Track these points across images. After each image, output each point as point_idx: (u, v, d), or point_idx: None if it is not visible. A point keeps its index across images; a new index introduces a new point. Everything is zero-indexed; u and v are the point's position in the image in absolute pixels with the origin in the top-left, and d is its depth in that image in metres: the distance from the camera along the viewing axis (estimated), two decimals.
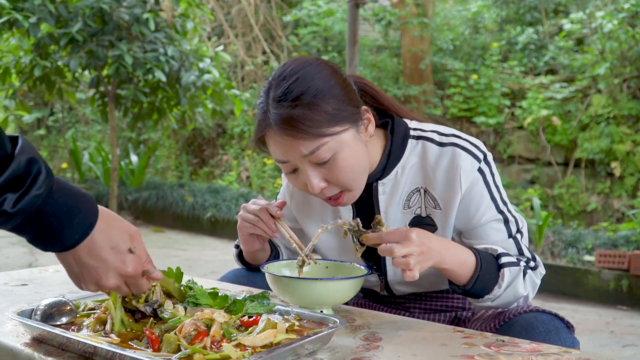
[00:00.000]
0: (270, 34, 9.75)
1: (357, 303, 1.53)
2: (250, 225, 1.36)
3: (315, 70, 1.23)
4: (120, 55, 6.23)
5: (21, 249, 5.55)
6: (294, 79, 1.21)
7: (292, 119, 1.19)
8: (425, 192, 1.32)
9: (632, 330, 3.73)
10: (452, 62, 7.90)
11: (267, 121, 1.23)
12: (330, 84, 1.23)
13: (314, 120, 1.19)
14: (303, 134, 1.19)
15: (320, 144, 1.20)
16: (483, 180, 1.29)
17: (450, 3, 9.52)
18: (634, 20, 6.53)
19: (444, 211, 1.31)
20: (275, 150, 1.25)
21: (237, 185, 8.22)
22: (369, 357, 1.00)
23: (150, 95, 6.98)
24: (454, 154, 1.29)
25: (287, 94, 1.20)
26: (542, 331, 1.18)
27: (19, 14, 5.96)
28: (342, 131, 1.22)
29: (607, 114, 6.29)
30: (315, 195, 1.29)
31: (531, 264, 1.29)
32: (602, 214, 6.18)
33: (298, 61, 1.26)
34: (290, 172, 1.28)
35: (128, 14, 6.29)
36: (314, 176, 1.24)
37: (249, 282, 1.53)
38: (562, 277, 4.70)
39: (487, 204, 1.29)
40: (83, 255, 0.92)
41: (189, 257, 5.58)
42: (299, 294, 1.20)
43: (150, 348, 0.96)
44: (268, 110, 1.23)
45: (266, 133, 1.24)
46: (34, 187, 0.84)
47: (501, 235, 1.30)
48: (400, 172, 1.34)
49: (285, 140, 1.21)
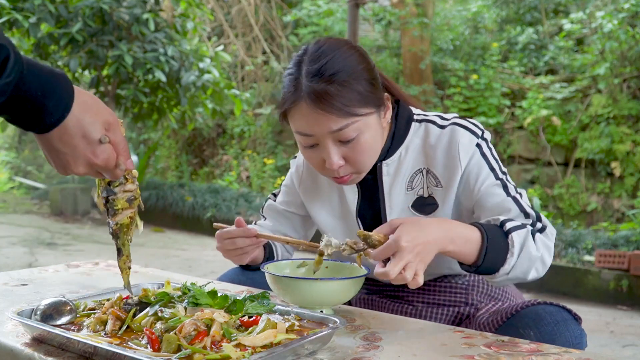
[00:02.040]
0: (270, 34, 9.75)
1: (360, 299, 1.53)
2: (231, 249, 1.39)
3: (349, 52, 1.27)
4: (120, 55, 6.23)
5: (21, 249, 5.55)
6: (330, 57, 1.24)
7: (327, 94, 1.21)
8: (427, 172, 1.36)
9: (632, 330, 3.73)
10: (452, 62, 7.90)
11: (299, 93, 1.24)
12: (362, 67, 1.27)
13: (347, 99, 1.22)
14: (335, 110, 1.22)
15: (349, 122, 1.23)
16: (480, 153, 1.32)
17: (450, 3, 9.52)
18: (634, 20, 6.53)
19: (445, 188, 1.33)
20: (302, 123, 1.27)
21: (237, 185, 8.22)
22: (369, 357, 1.00)
23: (150, 95, 6.99)
24: (453, 131, 1.33)
25: (323, 70, 1.23)
26: (551, 322, 1.18)
27: (19, 14, 5.96)
28: (369, 113, 1.26)
29: (607, 114, 6.29)
30: (327, 172, 1.31)
31: (538, 226, 1.26)
32: (602, 214, 6.18)
33: (333, 41, 1.29)
34: (309, 147, 1.30)
35: (128, 14, 6.29)
36: (335, 153, 1.27)
37: (248, 280, 1.54)
38: (562, 277, 4.70)
39: (485, 173, 1.30)
40: (55, 140, 0.90)
41: (189, 257, 5.58)
42: (299, 294, 1.20)
43: (150, 348, 0.96)
44: (300, 83, 1.25)
45: (295, 105, 1.26)
46: (4, 76, 0.81)
47: (501, 196, 1.29)
48: (404, 153, 1.37)
49: (316, 114, 1.23)
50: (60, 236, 6.36)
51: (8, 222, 7.22)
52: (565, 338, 1.17)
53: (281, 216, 1.59)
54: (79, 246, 5.83)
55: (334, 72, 1.23)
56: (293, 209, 1.58)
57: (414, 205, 1.36)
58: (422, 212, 1.36)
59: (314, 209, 1.51)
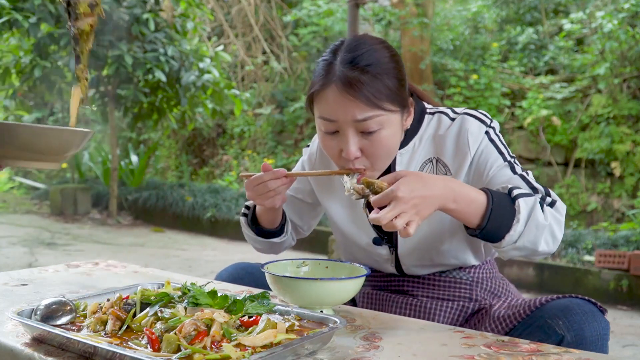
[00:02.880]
0: (270, 34, 9.75)
1: (365, 294, 1.54)
2: (264, 192, 1.36)
3: (384, 50, 1.31)
4: (120, 55, 6.23)
5: (21, 249, 5.55)
6: (367, 49, 1.28)
7: (359, 82, 1.24)
8: (437, 161, 1.39)
9: (632, 330, 3.73)
10: (452, 62, 7.89)
11: (331, 77, 1.27)
12: (394, 65, 1.30)
13: (377, 91, 1.25)
14: (364, 99, 1.24)
15: (374, 114, 1.26)
16: (489, 139, 1.35)
17: (450, 3, 9.52)
18: (634, 20, 6.53)
19: (454, 176, 1.36)
20: (328, 107, 1.28)
21: (237, 185, 8.22)
22: (369, 357, 1.00)
23: (150, 95, 6.99)
24: (463, 120, 1.37)
25: (359, 59, 1.26)
26: (579, 312, 1.21)
27: (19, 14, 5.96)
28: (394, 111, 1.29)
29: (607, 114, 6.29)
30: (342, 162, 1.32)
31: (548, 200, 1.24)
32: (602, 214, 6.18)
33: (370, 37, 1.34)
34: (330, 133, 1.31)
35: (128, 14, 6.29)
36: (354, 143, 1.28)
37: (247, 275, 1.56)
38: (562, 277, 4.70)
39: (494, 157, 1.33)
40: None
41: (189, 257, 5.58)
42: (299, 294, 1.21)
43: (150, 348, 0.96)
44: (333, 68, 1.27)
45: (325, 89, 1.28)
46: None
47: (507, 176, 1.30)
48: (418, 143, 1.41)
49: (344, 100, 1.25)
50: (60, 236, 6.37)
51: (8, 222, 7.22)
52: (593, 328, 1.20)
53: (289, 201, 1.61)
54: (79, 246, 5.83)
55: (369, 63, 1.26)
56: (301, 195, 1.61)
57: None
58: None
59: (324, 197, 1.54)
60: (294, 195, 1.60)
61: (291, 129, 8.54)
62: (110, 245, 5.97)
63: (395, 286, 1.51)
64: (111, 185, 7.42)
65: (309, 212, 1.63)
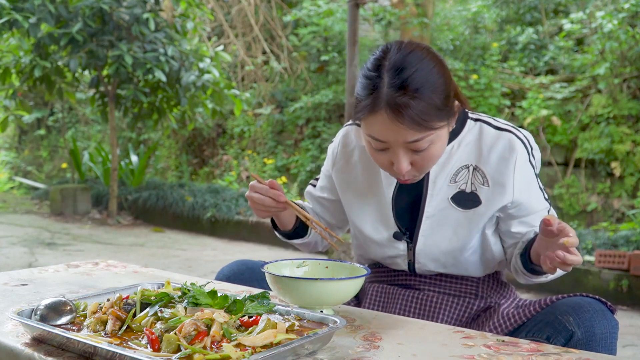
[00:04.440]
0: (270, 34, 9.75)
1: (371, 289, 1.54)
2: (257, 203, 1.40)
3: (432, 64, 1.28)
4: (120, 55, 6.23)
5: (21, 249, 5.55)
6: (414, 70, 1.25)
7: (409, 109, 1.23)
8: (475, 169, 1.40)
9: (632, 330, 3.73)
10: (452, 62, 7.89)
11: (380, 102, 1.25)
12: (442, 80, 1.28)
13: (426, 114, 1.24)
14: (415, 125, 1.24)
15: (425, 135, 1.27)
16: (534, 172, 1.40)
17: (450, 3, 9.52)
18: (634, 20, 6.53)
19: (491, 188, 1.37)
20: (378, 130, 1.28)
21: (237, 185, 8.21)
22: (369, 357, 1.00)
23: (150, 95, 6.99)
24: (512, 140, 1.38)
25: (407, 83, 1.24)
26: (590, 310, 1.24)
27: (19, 14, 5.96)
28: (443, 126, 1.30)
29: (607, 114, 6.29)
30: (391, 172, 1.34)
31: None
32: (602, 214, 6.18)
33: (417, 50, 1.29)
34: (380, 150, 1.32)
35: (128, 14, 6.29)
36: (405, 160, 1.30)
37: (247, 270, 1.56)
38: (562, 277, 4.68)
39: (537, 194, 1.40)
40: None
41: (189, 257, 5.58)
42: (299, 294, 1.21)
43: (150, 348, 0.96)
44: (381, 91, 1.25)
45: (374, 114, 1.27)
46: None
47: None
48: (456, 147, 1.41)
49: (394, 125, 1.25)
50: (60, 236, 6.36)
51: (8, 222, 7.22)
52: (603, 326, 1.22)
53: (317, 202, 1.63)
54: (79, 246, 5.83)
55: (418, 87, 1.24)
56: (327, 194, 1.61)
57: (454, 198, 1.40)
58: (461, 206, 1.40)
59: (343, 190, 1.54)
60: (320, 195, 1.62)
61: (291, 129, 8.53)
62: (110, 245, 5.97)
63: (402, 281, 1.52)
64: (111, 185, 7.42)
65: (339, 208, 1.61)
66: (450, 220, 1.41)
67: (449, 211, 1.41)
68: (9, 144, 12.00)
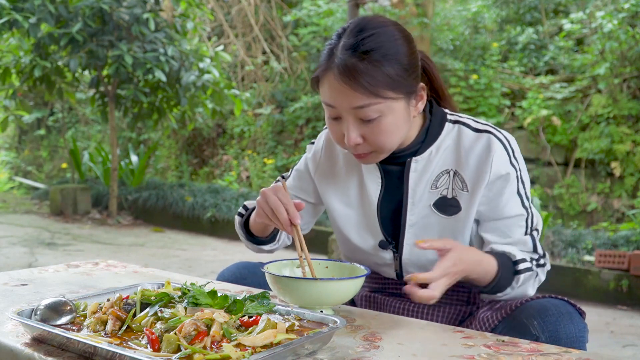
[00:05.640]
0: (270, 34, 9.75)
1: (362, 297, 1.53)
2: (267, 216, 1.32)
3: (391, 33, 1.26)
4: (120, 55, 6.23)
5: (21, 249, 5.55)
6: (370, 33, 1.24)
7: (356, 70, 1.21)
8: (455, 174, 1.36)
9: (632, 330, 3.73)
10: (452, 62, 7.89)
11: (331, 63, 1.25)
12: (400, 50, 1.26)
13: (375, 79, 1.22)
14: (360, 88, 1.22)
15: (371, 102, 1.23)
16: (515, 175, 1.34)
17: (450, 3, 9.52)
18: (634, 20, 6.53)
19: (470, 193, 1.34)
20: (328, 93, 1.27)
21: (237, 185, 8.22)
22: (369, 357, 1.00)
23: (150, 95, 6.99)
24: (490, 141, 1.34)
25: (359, 44, 1.23)
26: (555, 314, 1.20)
27: (19, 14, 5.96)
28: (395, 98, 1.26)
29: (607, 114, 6.29)
30: (346, 147, 1.32)
31: (541, 262, 1.36)
32: (602, 214, 6.18)
33: (379, 19, 1.29)
34: (333, 119, 1.31)
35: (128, 14, 6.29)
36: (354, 130, 1.27)
37: (250, 274, 1.53)
38: (562, 277, 4.70)
39: (515, 199, 1.34)
40: None
41: (189, 257, 5.58)
42: (298, 294, 1.20)
43: (150, 348, 0.96)
44: (335, 53, 1.25)
45: (326, 74, 1.26)
46: None
47: (522, 231, 1.35)
48: (435, 152, 1.38)
49: (341, 87, 1.23)
50: (60, 236, 6.36)
51: (8, 222, 7.22)
52: (569, 330, 1.19)
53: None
54: (79, 246, 5.82)
55: (369, 49, 1.22)
56: (303, 195, 1.56)
57: (436, 204, 1.37)
58: (443, 212, 1.37)
59: (328, 196, 1.50)
60: (296, 195, 1.56)
61: (291, 129, 8.53)
62: (110, 245, 5.97)
63: (393, 289, 1.49)
64: (111, 185, 7.42)
65: (311, 211, 1.59)
66: (434, 228, 1.38)
67: (432, 218, 1.37)
68: (9, 144, 12.00)
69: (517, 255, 1.32)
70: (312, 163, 1.54)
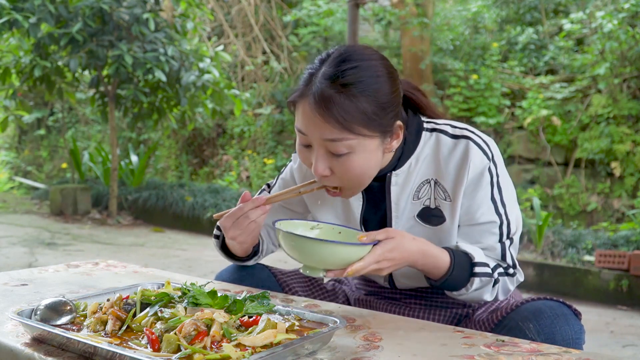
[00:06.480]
0: (270, 34, 9.75)
1: (357, 300, 1.53)
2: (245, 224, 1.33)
3: (375, 69, 1.22)
4: (120, 55, 6.23)
5: (21, 249, 5.55)
6: (352, 65, 1.20)
7: (331, 102, 1.18)
8: (436, 184, 1.33)
9: (632, 330, 3.73)
10: (452, 62, 7.89)
11: (308, 90, 1.23)
12: (381, 88, 1.22)
13: (349, 114, 1.19)
14: (333, 120, 1.19)
15: (343, 137, 1.20)
16: (489, 180, 1.31)
17: (450, 3, 9.52)
18: (634, 20, 6.53)
19: (452, 202, 1.32)
20: (301, 120, 1.25)
21: (237, 185, 8.22)
22: (369, 357, 1.00)
23: (150, 95, 6.98)
24: (467, 147, 1.30)
25: (339, 75, 1.20)
26: (550, 316, 1.19)
27: (19, 14, 5.96)
28: (368, 136, 1.22)
29: (607, 114, 6.29)
30: (316, 178, 1.30)
31: (510, 271, 1.32)
32: (602, 214, 6.18)
33: (366, 51, 1.25)
34: (304, 146, 1.28)
35: (128, 14, 6.29)
36: (322, 161, 1.25)
37: (247, 275, 1.52)
38: (562, 277, 4.70)
39: (488, 205, 1.31)
40: None
41: (189, 257, 5.58)
42: (304, 253, 1.16)
43: (150, 348, 0.96)
44: (314, 80, 1.23)
45: (301, 100, 1.24)
46: None
47: (493, 238, 1.32)
48: (414, 163, 1.35)
49: (314, 116, 1.21)
50: (60, 236, 6.36)
51: (8, 222, 7.22)
52: (564, 332, 1.18)
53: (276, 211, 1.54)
54: (79, 246, 5.82)
55: (348, 82, 1.19)
56: (289, 205, 1.54)
57: (420, 215, 1.35)
58: (428, 223, 1.35)
59: (315, 209, 1.48)
60: (282, 204, 1.54)
61: (291, 129, 8.53)
62: (110, 245, 5.97)
63: (387, 293, 1.49)
64: (111, 185, 7.42)
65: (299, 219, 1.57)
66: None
67: (417, 229, 1.35)
68: (9, 144, 12.00)
69: (478, 257, 1.28)
70: (299, 174, 1.51)
